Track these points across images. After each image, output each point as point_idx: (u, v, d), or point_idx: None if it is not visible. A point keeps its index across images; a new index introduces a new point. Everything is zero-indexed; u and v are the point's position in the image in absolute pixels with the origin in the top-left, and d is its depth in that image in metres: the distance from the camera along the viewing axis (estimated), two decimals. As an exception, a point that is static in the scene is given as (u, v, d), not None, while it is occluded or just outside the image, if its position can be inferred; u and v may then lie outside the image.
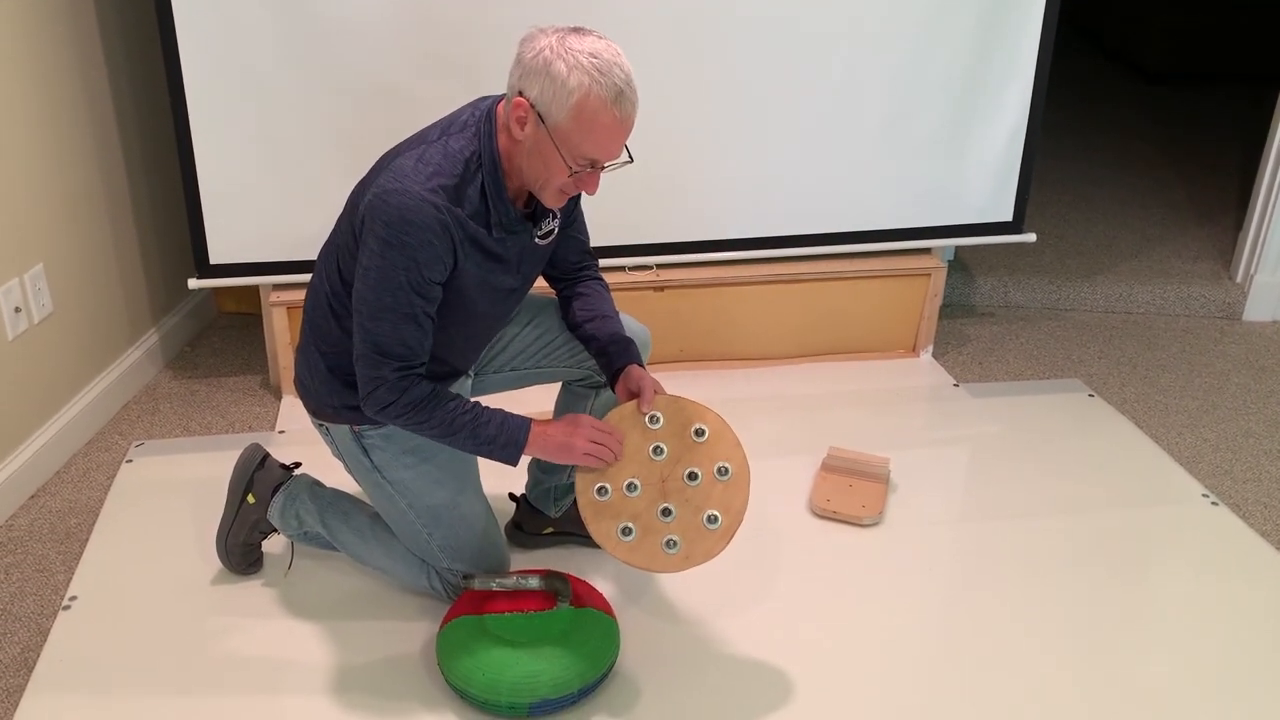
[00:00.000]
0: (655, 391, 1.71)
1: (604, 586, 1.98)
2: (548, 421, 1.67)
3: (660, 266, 2.74)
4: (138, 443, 2.47)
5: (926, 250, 2.88)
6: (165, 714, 1.69)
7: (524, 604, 1.76)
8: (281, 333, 2.60)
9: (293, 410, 2.61)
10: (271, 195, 2.44)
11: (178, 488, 2.28)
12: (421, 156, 1.52)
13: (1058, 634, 1.91)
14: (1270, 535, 2.22)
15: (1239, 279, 3.30)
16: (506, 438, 1.62)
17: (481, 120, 1.56)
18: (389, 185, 1.50)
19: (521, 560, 2.05)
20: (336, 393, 1.72)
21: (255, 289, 2.98)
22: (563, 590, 1.76)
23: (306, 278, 2.52)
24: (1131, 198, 4.06)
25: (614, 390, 1.76)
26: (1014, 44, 2.61)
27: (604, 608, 1.78)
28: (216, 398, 2.69)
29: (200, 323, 3.07)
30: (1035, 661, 1.84)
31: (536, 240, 1.68)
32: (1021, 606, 1.98)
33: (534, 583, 1.77)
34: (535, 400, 2.64)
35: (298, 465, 2.01)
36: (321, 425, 1.79)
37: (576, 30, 1.48)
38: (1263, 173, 3.15)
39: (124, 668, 1.78)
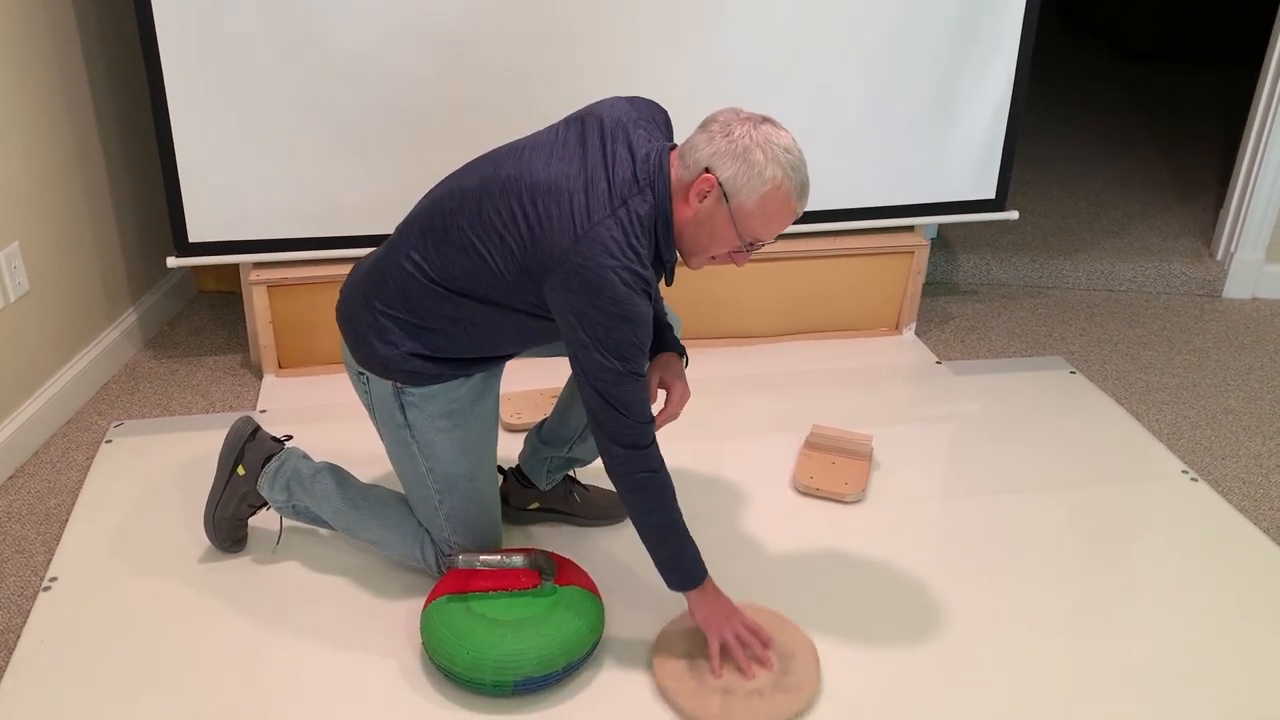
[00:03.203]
0: (682, 398, 1.78)
1: (588, 565, 1.98)
2: (720, 591, 1.75)
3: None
4: (117, 423, 2.45)
5: (909, 228, 2.88)
6: (148, 694, 1.68)
7: (509, 582, 1.76)
8: (262, 311, 2.58)
9: (274, 389, 2.60)
10: (251, 173, 2.42)
11: (158, 468, 2.27)
12: (620, 225, 1.55)
13: (1039, 610, 1.92)
14: (1248, 511, 2.24)
15: (1219, 256, 3.32)
16: (691, 563, 1.71)
17: (655, 179, 1.59)
18: (604, 261, 1.52)
19: (507, 536, 2.05)
20: (396, 356, 1.72)
21: (235, 267, 2.97)
22: (547, 569, 1.77)
23: (287, 256, 2.51)
24: (1113, 175, 4.07)
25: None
26: (997, 21, 2.61)
27: (589, 586, 1.79)
28: (197, 377, 2.67)
29: (180, 301, 3.04)
30: (1017, 637, 1.85)
31: None
32: (1003, 583, 1.99)
33: (519, 561, 1.77)
34: (533, 377, 2.62)
35: (289, 438, 2.01)
36: (361, 374, 1.79)
37: (769, 120, 1.57)
38: (1244, 151, 3.16)
39: (105, 648, 1.78)
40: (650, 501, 1.65)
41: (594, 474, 2.25)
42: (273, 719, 1.65)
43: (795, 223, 2.71)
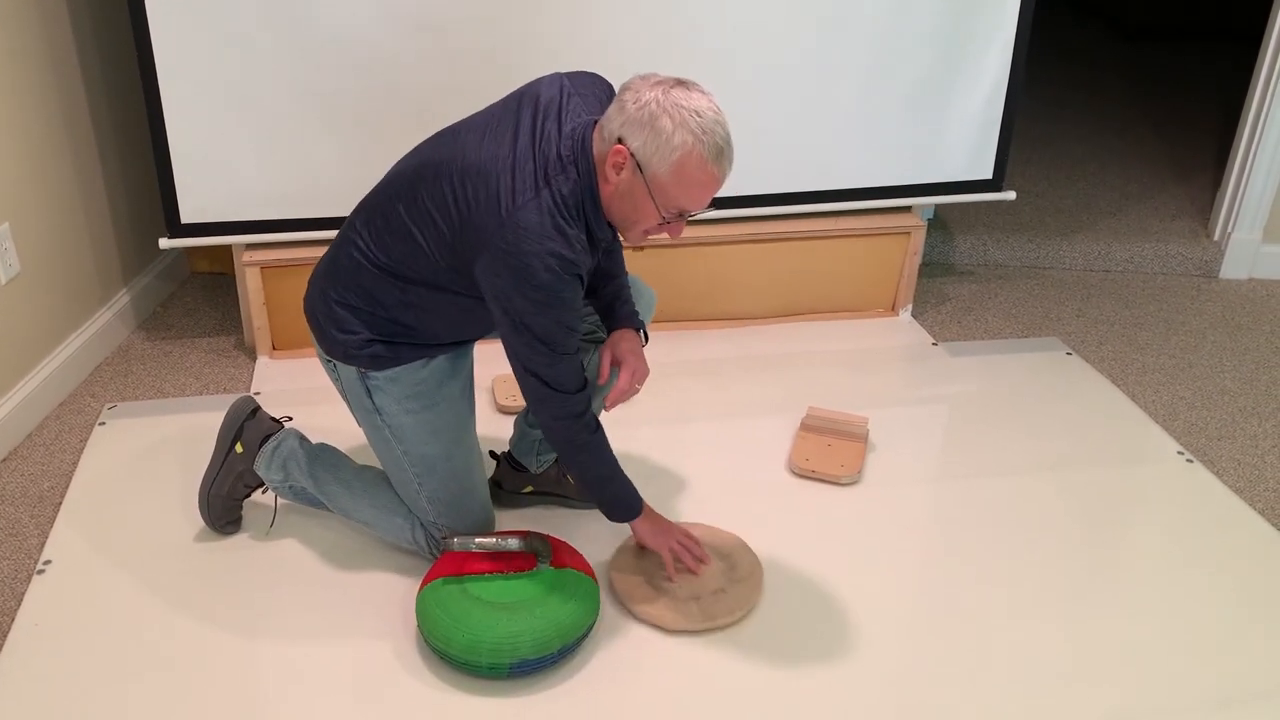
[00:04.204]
0: (634, 375, 1.78)
1: (584, 548, 1.98)
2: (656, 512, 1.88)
3: (639, 225, 2.71)
4: (110, 405, 2.44)
5: (906, 209, 2.86)
6: (142, 676, 1.68)
7: (504, 565, 1.76)
8: (255, 293, 2.56)
9: (268, 371, 2.59)
10: (243, 153, 2.40)
11: (151, 450, 2.26)
12: (542, 208, 1.53)
13: (1035, 591, 1.92)
14: (1244, 491, 2.24)
15: (1216, 237, 3.31)
16: (630, 498, 1.81)
17: (579, 155, 1.56)
18: (527, 247, 1.51)
19: (502, 520, 2.05)
20: (356, 342, 1.73)
21: (228, 249, 2.95)
22: (543, 551, 1.76)
23: (280, 237, 2.49)
24: (1111, 156, 4.06)
25: (599, 351, 1.81)
26: (995, 1, 2.59)
27: (584, 569, 1.78)
28: (190, 359, 2.66)
29: (172, 283, 3.03)
30: (1013, 618, 1.86)
31: None
32: (999, 564, 1.99)
33: (514, 544, 1.77)
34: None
35: (289, 419, 2.02)
36: (330, 362, 1.80)
37: (682, 84, 1.52)
38: (1241, 131, 3.15)
39: (99, 631, 1.77)
40: (591, 459, 1.73)
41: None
42: (268, 701, 1.65)
43: (793, 201, 2.72)
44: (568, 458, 1.73)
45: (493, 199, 1.54)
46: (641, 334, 1.84)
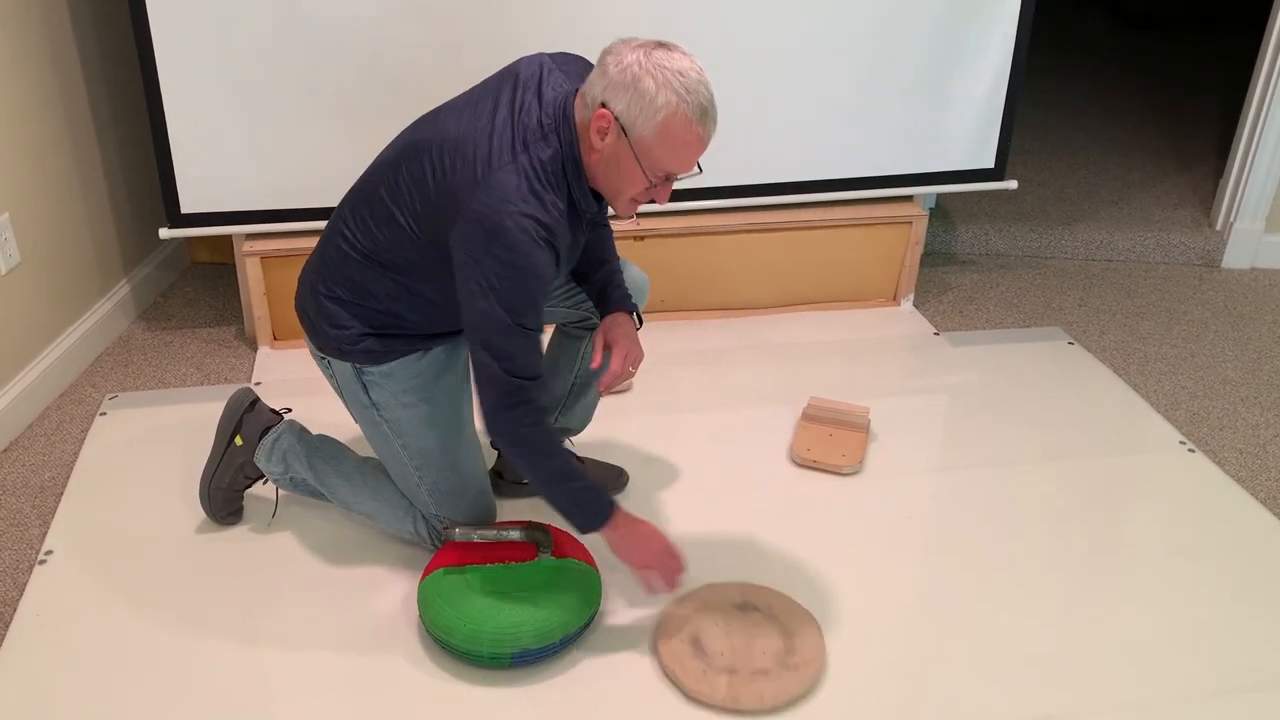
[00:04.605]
0: (628, 357, 1.74)
1: (586, 537, 1.98)
2: (633, 516, 1.69)
3: (640, 215, 2.71)
4: (111, 395, 2.43)
5: (908, 198, 2.86)
6: (144, 666, 1.68)
7: (506, 555, 1.75)
8: (256, 283, 2.56)
9: (269, 361, 2.58)
10: (243, 143, 2.39)
11: (153, 440, 2.26)
12: (519, 171, 1.51)
13: (1037, 580, 1.92)
14: (1245, 481, 2.24)
15: (1218, 226, 3.30)
16: (591, 504, 1.65)
17: (560, 124, 1.55)
18: (500, 207, 1.49)
19: (503, 510, 2.05)
20: (347, 336, 1.72)
21: (228, 239, 2.94)
22: (544, 541, 1.76)
23: (281, 227, 2.49)
24: (1112, 145, 4.05)
25: (591, 336, 1.79)
26: (998, -13, 2.58)
27: (586, 559, 1.78)
28: (191, 349, 2.66)
29: (172, 273, 3.02)
30: (1015, 608, 1.86)
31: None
32: (1001, 554, 1.99)
33: (515, 534, 1.77)
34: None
35: (288, 410, 2.01)
36: (323, 359, 1.79)
37: (663, 45, 1.50)
38: (1244, 119, 3.14)
39: (102, 621, 1.77)
40: (532, 454, 1.61)
41: (590, 448, 2.25)
42: (270, 691, 1.65)
43: (794, 191, 2.71)
44: (508, 451, 1.63)
45: (469, 166, 1.53)
46: (635, 317, 1.83)
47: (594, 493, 1.65)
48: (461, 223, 1.52)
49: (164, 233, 2.44)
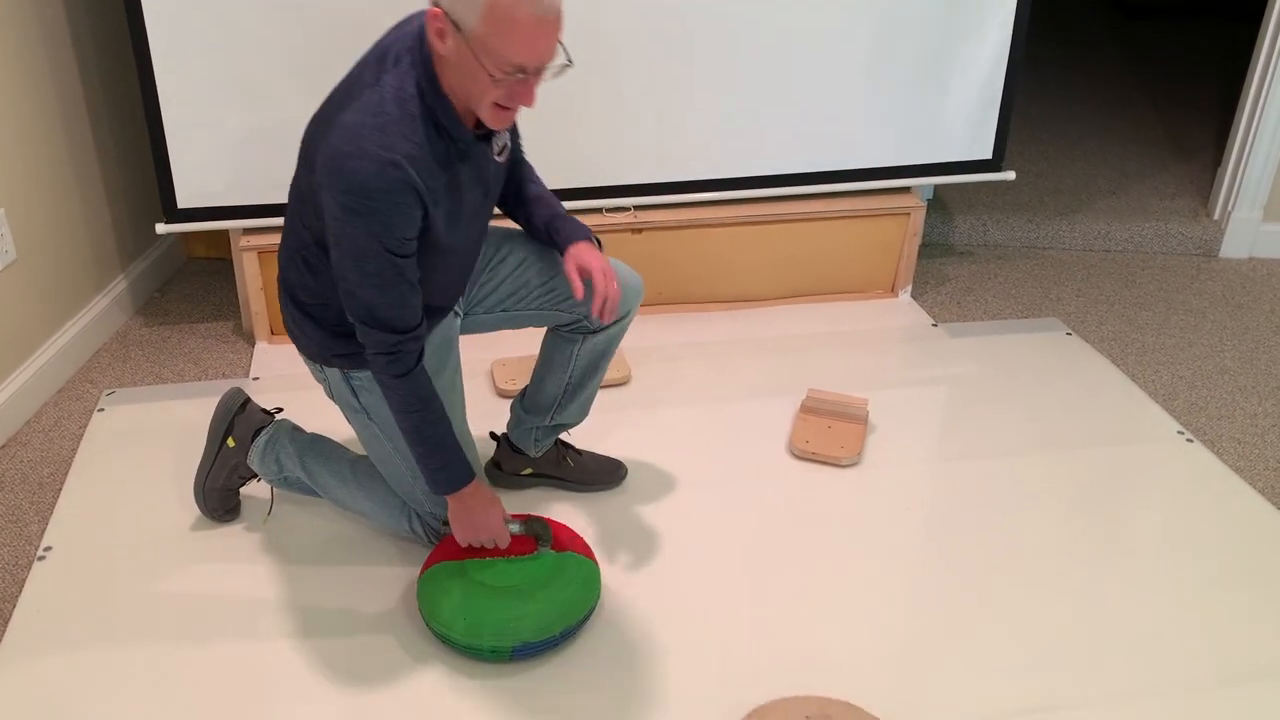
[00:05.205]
0: (605, 274, 1.70)
1: (585, 530, 1.98)
2: (487, 496, 1.71)
3: (638, 208, 2.70)
4: (109, 391, 2.43)
5: (906, 189, 2.85)
6: (144, 662, 1.68)
7: (505, 549, 1.75)
8: (253, 278, 2.56)
9: (267, 356, 2.58)
10: (240, 137, 2.39)
11: (151, 436, 2.26)
12: (368, 109, 1.45)
13: (1036, 571, 1.93)
14: (1243, 471, 2.25)
15: (1216, 216, 3.30)
16: (438, 471, 1.65)
17: (415, 46, 1.48)
18: (343, 148, 1.44)
19: (503, 503, 2.04)
20: (321, 339, 1.71)
21: (225, 233, 2.94)
22: (544, 535, 1.76)
23: (278, 221, 2.48)
24: (1110, 135, 4.04)
25: (564, 270, 1.74)
26: (995, -22, 2.58)
27: (585, 552, 1.78)
28: (188, 344, 2.65)
29: (170, 268, 3.02)
30: (1014, 598, 1.86)
31: (495, 159, 1.66)
32: (1000, 544, 1.99)
33: (515, 528, 1.77)
34: (521, 344, 2.62)
35: (279, 410, 2.00)
36: (315, 365, 1.78)
37: None
38: (1242, 109, 3.13)
39: (102, 617, 1.77)
40: (401, 405, 1.60)
41: (587, 440, 2.25)
42: (270, 688, 1.65)
43: (792, 183, 2.70)
44: (388, 402, 1.62)
45: (333, 119, 1.49)
46: (595, 242, 1.78)
47: (442, 462, 1.65)
48: (317, 175, 1.49)
49: (161, 228, 2.44)
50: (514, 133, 1.80)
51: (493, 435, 2.11)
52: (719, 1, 2.46)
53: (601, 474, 2.10)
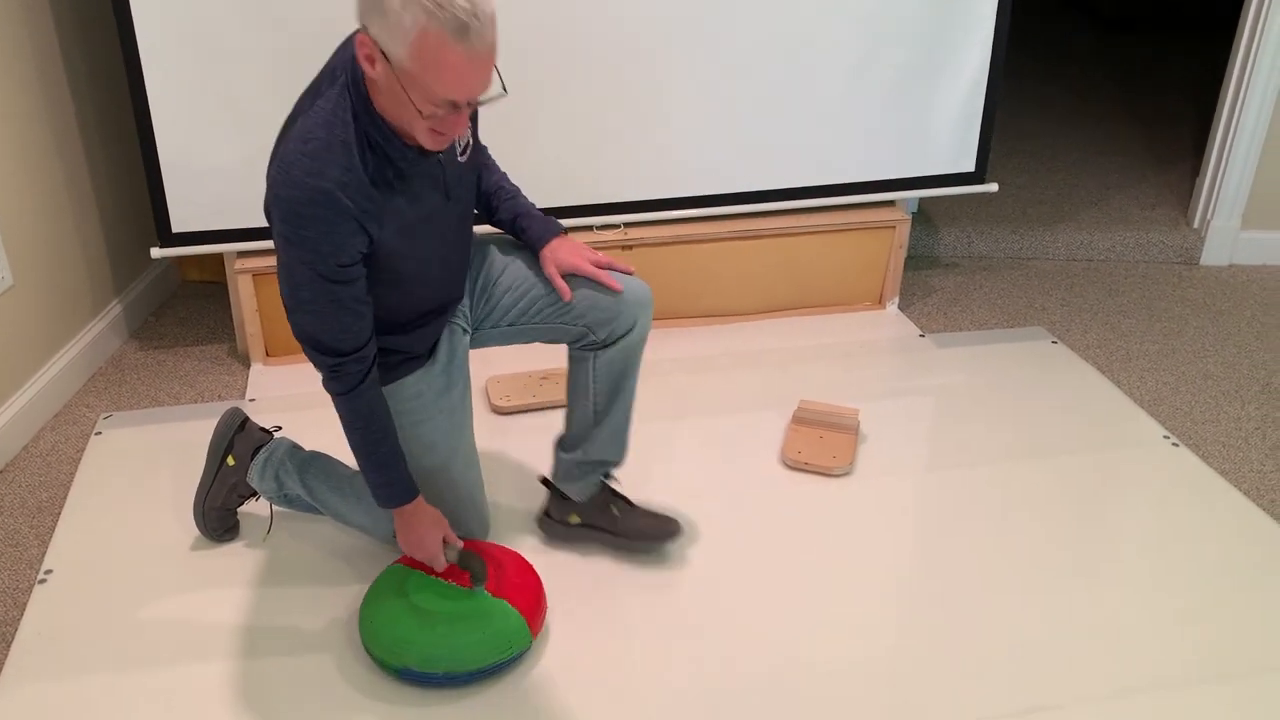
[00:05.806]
0: (590, 260, 1.71)
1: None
2: (428, 514, 1.72)
3: (628, 225, 2.73)
4: (106, 415, 2.45)
5: (891, 203, 2.89)
6: (147, 684, 1.69)
7: (448, 573, 1.74)
8: (248, 300, 2.58)
9: (262, 378, 2.60)
10: (233, 160, 2.41)
11: (148, 458, 2.27)
12: (299, 135, 1.43)
13: (1026, 577, 1.95)
14: (1229, 474, 2.28)
15: (1196, 224, 3.35)
16: (376, 488, 1.67)
17: (350, 66, 1.45)
18: (277, 177, 1.43)
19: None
20: None
21: (219, 258, 2.96)
22: (479, 573, 1.70)
23: (271, 244, 2.50)
24: (1091, 146, 4.10)
25: (546, 273, 1.77)
26: (974, -6, 2.62)
27: (524, 609, 1.70)
28: (184, 367, 2.67)
29: (164, 292, 3.03)
30: (1004, 603, 1.88)
31: (457, 159, 1.64)
32: (990, 551, 2.02)
33: (452, 556, 1.73)
34: (537, 359, 2.64)
35: (278, 429, 2.01)
36: None
37: None
38: (1218, 119, 3.19)
39: (103, 639, 1.78)
40: (342, 418, 1.62)
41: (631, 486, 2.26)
42: (270, 707, 1.66)
43: (779, 198, 2.74)
44: (340, 417, 1.63)
45: (277, 146, 1.49)
46: (561, 231, 1.78)
47: (394, 475, 1.66)
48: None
49: (155, 252, 2.46)
50: (472, 117, 1.73)
51: (542, 481, 2.03)
52: (705, 19, 2.50)
53: (649, 531, 1.96)
